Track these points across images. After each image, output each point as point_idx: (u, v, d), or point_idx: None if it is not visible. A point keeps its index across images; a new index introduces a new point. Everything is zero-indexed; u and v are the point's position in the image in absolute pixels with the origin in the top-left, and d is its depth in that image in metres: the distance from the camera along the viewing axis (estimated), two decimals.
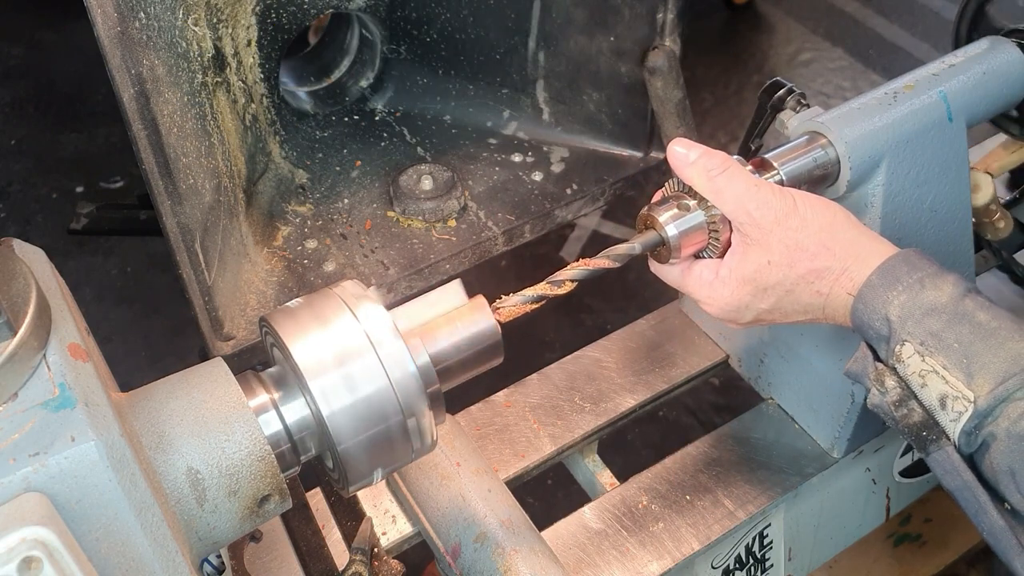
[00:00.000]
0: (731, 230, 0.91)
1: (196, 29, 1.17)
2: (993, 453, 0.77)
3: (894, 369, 0.83)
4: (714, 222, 0.92)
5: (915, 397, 0.82)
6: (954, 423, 0.79)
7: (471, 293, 0.85)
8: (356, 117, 1.61)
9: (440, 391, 0.80)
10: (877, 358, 0.85)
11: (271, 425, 0.75)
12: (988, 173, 1.31)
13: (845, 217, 0.90)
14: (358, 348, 0.75)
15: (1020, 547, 0.76)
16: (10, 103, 3.12)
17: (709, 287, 0.92)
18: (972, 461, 0.80)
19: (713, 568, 1.18)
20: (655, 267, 0.96)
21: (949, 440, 0.80)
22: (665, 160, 1.46)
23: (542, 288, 0.88)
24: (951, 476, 0.80)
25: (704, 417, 2.10)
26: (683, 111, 1.38)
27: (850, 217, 0.90)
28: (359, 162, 1.53)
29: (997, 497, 0.78)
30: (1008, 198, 1.40)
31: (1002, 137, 1.36)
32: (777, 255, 0.88)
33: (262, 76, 1.40)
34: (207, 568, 0.84)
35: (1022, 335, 0.79)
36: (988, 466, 0.78)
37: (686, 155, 0.91)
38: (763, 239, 0.88)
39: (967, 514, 0.80)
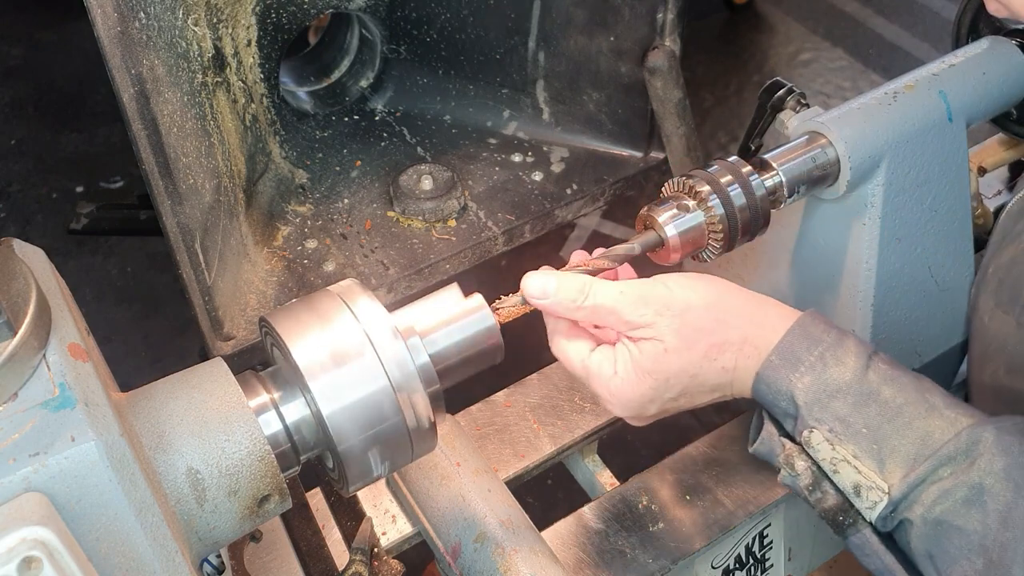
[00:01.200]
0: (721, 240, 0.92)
1: (196, 29, 1.17)
2: (910, 537, 0.77)
3: (803, 450, 0.82)
4: (714, 223, 0.92)
5: (828, 479, 0.81)
6: (869, 510, 0.78)
7: (471, 293, 0.85)
8: (356, 117, 1.61)
9: (440, 391, 0.80)
10: (783, 433, 0.85)
11: (271, 425, 0.75)
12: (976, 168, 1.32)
13: (727, 287, 0.87)
14: (358, 348, 0.75)
15: None
16: (10, 103, 3.11)
17: (608, 382, 0.87)
18: (891, 538, 0.80)
19: (713, 568, 1.18)
20: (557, 349, 0.90)
21: (866, 522, 0.79)
22: (665, 160, 1.47)
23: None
24: (871, 559, 0.80)
25: (704, 417, 2.09)
26: (683, 111, 1.38)
27: (732, 286, 0.87)
28: (359, 162, 1.53)
29: (917, 573, 0.78)
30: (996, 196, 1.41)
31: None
32: (671, 341, 0.84)
33: (262, 76, 1.40)
34: (207, 568, 0.84)
35: (927, 410, 0.78)
36: (908, 547, 0.78)
37: (543, 291, 0.85)
38: (653, 332, 0.84)
39: None
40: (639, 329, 0.85)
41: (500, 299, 0.87)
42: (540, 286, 0.85)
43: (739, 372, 0.85)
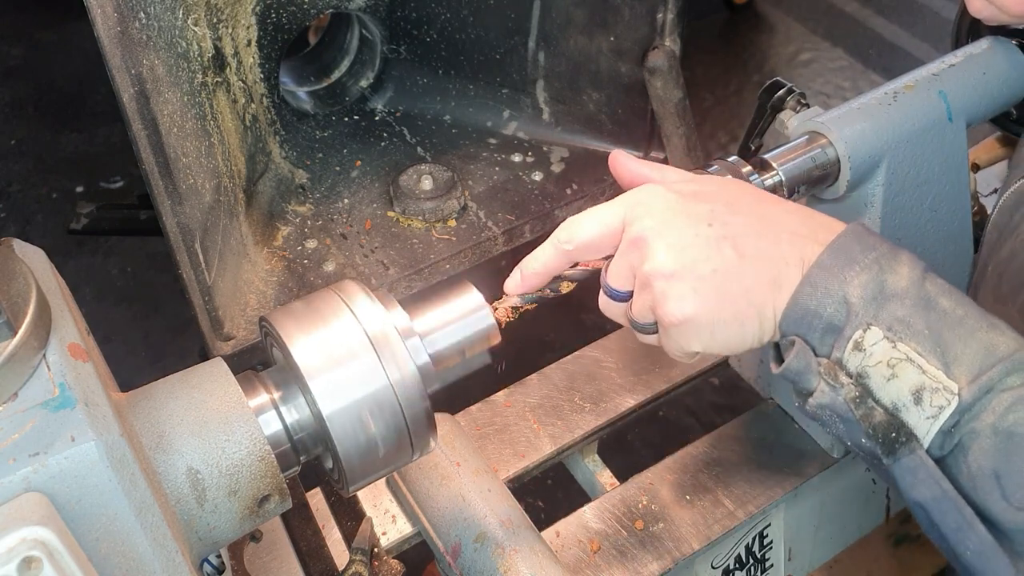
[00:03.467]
0: None
1: (196, 29, 1.17)
2: (974, 454, 0.67)
3: (841, 364, 0.72)
4: None
5: (871, 395, 0.71)
6: (930, 420, 0.68)
7: (468, 289, 0.85)
8: (356, 117, 1.61)
9: (439, 391, 0.80)
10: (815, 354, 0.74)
11: (271, 425, 0.75)
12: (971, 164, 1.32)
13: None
14: (358, 348, 0.75)
15: (1012, 567, 0.66)
16: (10, 103, 3.11)
17: (667, 247, 0.76)
18: (943, 467, 0.69)
19: (713, 568, 1.18)
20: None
21: (919, 442, 0.69)
22: (665, 160, 1.47)
23: (541, 289, 0.88)
24: (925, 486, 0.68)
25: (704, 417, 2.10)
26: (683, 111, 1.38)
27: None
28: (359, 162, 1.53)
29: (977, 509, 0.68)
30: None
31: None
32: (712, 194, 0.79)
33: (262, 76, 1.40)
34: (207, 568, 0.84)
35: (989, 324, 0.70)
36: (964, 471, 0.68)
37: (569, 235, 0.82)
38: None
39: (940, 532, 0.69)
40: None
41: (499, 299, 0.87)
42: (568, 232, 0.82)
43: (791, 270, 0.74)
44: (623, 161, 0.87)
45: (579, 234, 0.81)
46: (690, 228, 0.76)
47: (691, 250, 0.75)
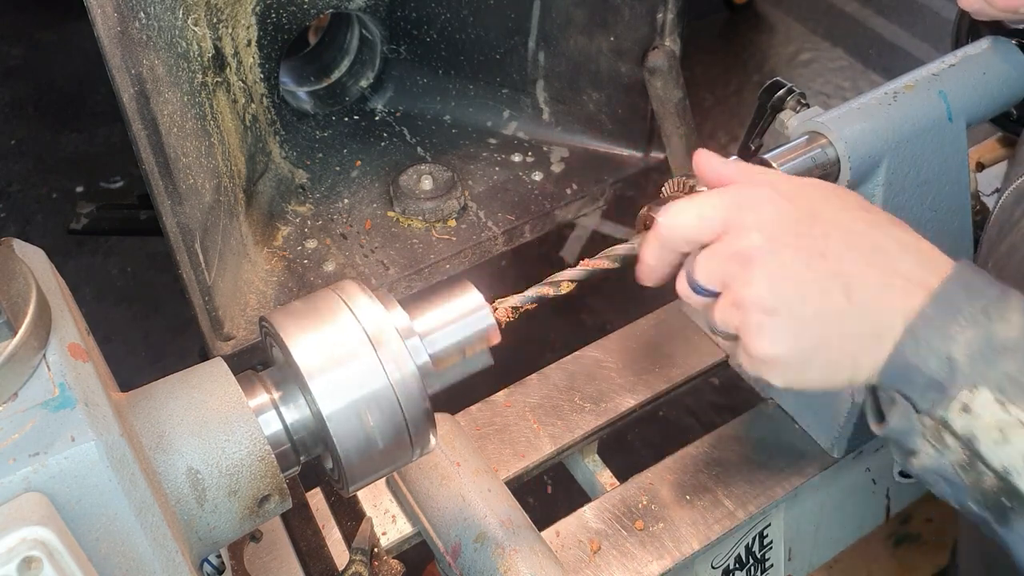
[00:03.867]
0: None
1: (196, 29, 1.16)
2: None
3: (946, 424, 0.67)
4: None
5: (980, 458, 0.66)
6: None
7: (467, 289, 0.85)
8: (356, 117, 1.61)
9: (440, 391, 0.80)
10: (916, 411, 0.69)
11: (271, 425, 0.75)
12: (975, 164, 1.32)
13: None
14: (358, 348, 0.75)
15: None
16: (10, 103, 3.11)
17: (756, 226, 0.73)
18: None
19: (713, 568, 1.18)
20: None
21: None
22: (665, 160, 1.47)
23: (541, 289, 0.88)
24: None
25: (704, 417, 2.10)
26: (683, 111, 1.38)
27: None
28: (359, 162, 1.53)
29: None
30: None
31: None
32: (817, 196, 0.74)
33: (262, 76, 1.40)
34: (207, 568, 0.84)
35: None
36: None
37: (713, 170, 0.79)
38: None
39: None
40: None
41: (499, 300, 0.87)
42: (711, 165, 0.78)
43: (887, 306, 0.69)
44: (708, 160, 0.81)
45: (677, 223, 0.76)
46: (801, 258, 0.70)
47: (798, 286, 0.70)
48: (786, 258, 0.70)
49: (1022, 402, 0.64)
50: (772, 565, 1.25)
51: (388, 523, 1.14)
